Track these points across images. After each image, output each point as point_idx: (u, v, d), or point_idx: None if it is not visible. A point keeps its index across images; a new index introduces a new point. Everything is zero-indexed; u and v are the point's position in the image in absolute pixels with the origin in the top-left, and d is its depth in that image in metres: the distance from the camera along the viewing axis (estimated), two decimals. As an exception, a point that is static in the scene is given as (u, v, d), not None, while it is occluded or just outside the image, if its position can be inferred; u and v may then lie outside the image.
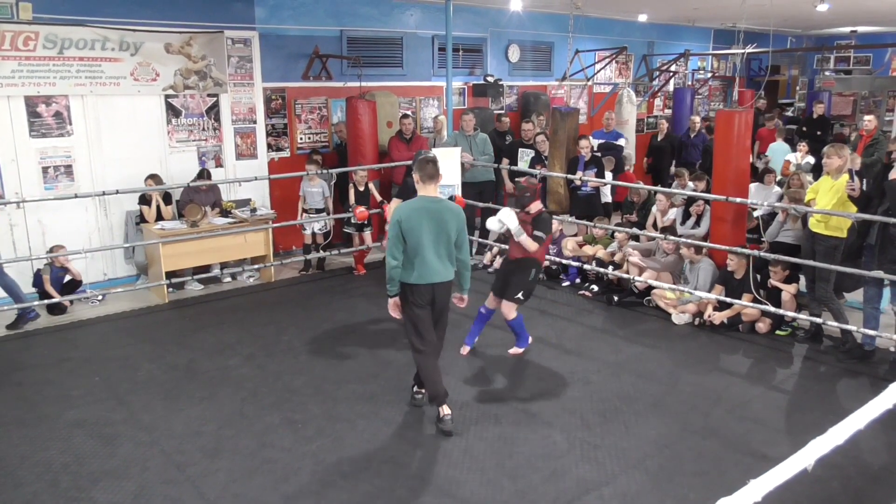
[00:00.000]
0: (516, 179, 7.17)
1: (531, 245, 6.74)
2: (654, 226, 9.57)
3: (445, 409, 5.70)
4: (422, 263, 5.47)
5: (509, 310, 6.94)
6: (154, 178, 9.05)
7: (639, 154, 14.43)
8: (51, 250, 8.33)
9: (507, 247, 10.02)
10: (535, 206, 6.96)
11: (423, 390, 6.01)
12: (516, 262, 6.95)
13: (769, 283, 7.77)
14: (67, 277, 8.55)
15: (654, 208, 9.73)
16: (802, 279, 7.92)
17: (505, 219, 6.80)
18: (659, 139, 13.85)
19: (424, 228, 5.42)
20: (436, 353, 5.84)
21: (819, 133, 13.74)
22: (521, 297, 6.92)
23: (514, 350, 7.21)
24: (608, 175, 10.08)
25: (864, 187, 7.04)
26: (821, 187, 7.27)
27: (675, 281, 8.61)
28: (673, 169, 13.00)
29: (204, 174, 9.42)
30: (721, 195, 8.10)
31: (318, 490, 4.84)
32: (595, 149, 10.58)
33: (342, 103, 11.00)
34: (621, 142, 11.67)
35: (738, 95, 15.61)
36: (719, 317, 7.83)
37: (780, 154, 12.63)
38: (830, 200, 7.05)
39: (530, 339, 7.29)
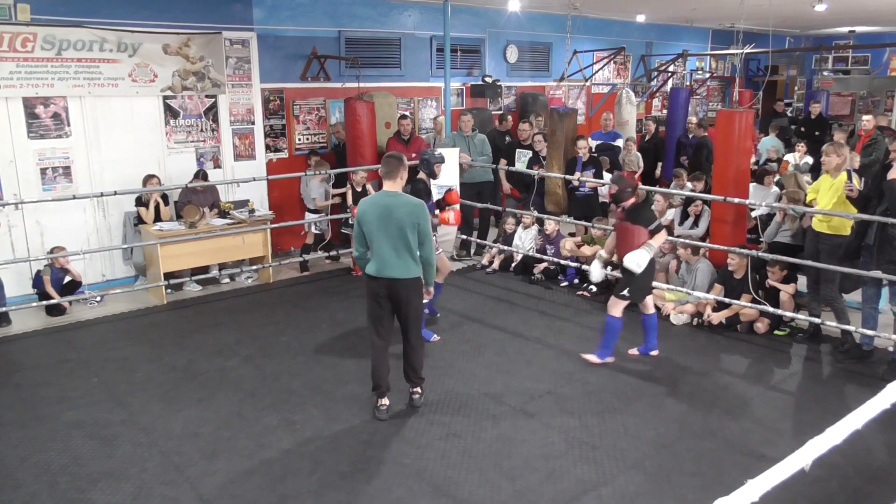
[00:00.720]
0: (613, 178, 6.96)
1: (662, 240, 6.75)
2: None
3: (384, 401, 5.93)
4: (377, 257, 5.64)
5: (613, 305, 6.79)
6: (153, 178, 9.05)
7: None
8: (51, 251, 8.33)
9: (506, 248, 10.08)
10: (638, 200, 6.83)
11: (420, 389, 6.07)
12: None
13: (767, 283, 7.77)
14: (67, 278, 8.55)
15: (651, 208, 9.73)
16: (802, 279, 7.93)
17: (642, 262, 6.53)
18: (646, 140, 13.82)
19: (376, 222, 5.58)
20: (406, 349, 5.99)
21: (817, 133, 13.74)
22: (627, 294, 6.68)
23: (589, 356, 6.97)
24: (606, 176, 10.07)
25: (863, 187, 7.02)
26: (821, 186, 7.27)
27: (669, 280, 8.61)
28: (659, 171, 13.03)
29: (200, 175, 9.41)
30: (722, 196, 8.09)
31: (317, 490, 4.84)
32: (593, 150, 10.58)
33: (340, 104, 11.01)
34: (619, 142, 11.66)
35: (739, 96, 15.62)
36: (717, 317, 7.83)
37: (766, 146, 12.68)
38: (831, 200, 7.05)
39: (610, 359, 6.91)
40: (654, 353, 7.10)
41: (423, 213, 5.64)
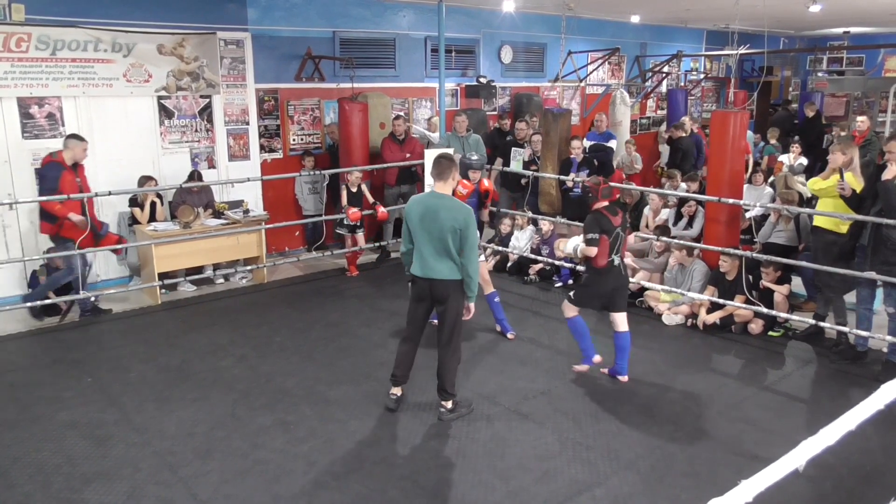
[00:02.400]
0: (583, 181, 6.83)
1: (590, 252, 6.28)
2: (647, 226, 9.58)
3: (396, 390, 6.01)
4: (419, 256, 5.61)
5: (563, 306, 6.71)
6: (149, 179, 9.05)
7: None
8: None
9: (501, 248, 10.09)
10: (597, 206, 6.45)
11: (448, 405, 5.86)
12: None
13: (761, 283, 7.77)
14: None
15: (646, 209, 9.75)
16: (797, 280, 7.92)
17: (562, 247, 6.75)
18: None
19: (418, 222, 5.53)
20: (439, 356, 5.84)
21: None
22: (570, 295, 6.64)
23: (578, 367, 6.78)
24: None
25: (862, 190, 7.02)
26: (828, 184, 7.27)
27: (663, 281, 8.61)
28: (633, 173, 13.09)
29: (195, 176, 9.40)
30: (716, 196, 8.09)
31: (311, 491, 4.84)
32: (586, 150, 10.59)
33: (335, 104, 11.00)
34: (612, 143, 11.68)
35: (734, 96, 15.66)
36: (711, 318, 7.84)
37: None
38: (825, 196, 7.07)
39: (598, 358, 6.61)
40: (622, 378, 6.59)
41: (468, 220, 5.48)
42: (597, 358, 6.63)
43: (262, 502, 4.73)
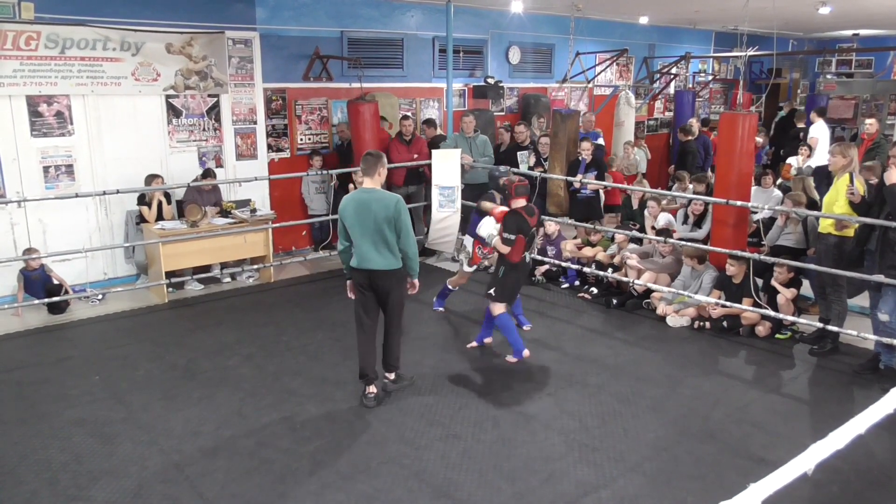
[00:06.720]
0: (504, 179, 7.23)
1: (502, 249, 6.74)
2: (653, 227, 9.56)
3: (371, 388, 6.14)
4: (357, 250, 5.88)
5: (492, 306, 6.99)
6: (156, 178, 9.06)
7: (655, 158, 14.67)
8: (25, 252, 8.29)
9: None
10: (514, 205, 6.87)
11: (393, 375, 6.35)
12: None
13: (772, 281, 7.71)
14: (55, 281, 8.47)
15: (646, 211, 9.72)
16: (806, 283, 7.90)
17: (487, 228, 7.05)
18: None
19: (353, 218, 5.78)
20: (384, 334, 6.24)
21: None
22: (491, 293, 6.91)
23: (509, 358, 7.05)
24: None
25: (867, 194, 6.97)
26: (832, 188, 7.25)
27: (671, 283, 8.57)
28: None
29: (210, 174, 9.39)
30: (723, 199, 8.06)
31: (316, 490, 4.84)
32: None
33: (342, 104, 11.00)
34: (599, 141, 11.71)
35: (742, 98, 15.61)
36: (719, 312, 7.79)
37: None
38: (833, 200, 7.04)
39: (525, 353, 6.93)
40: (526, 353, 6.99)
41: (399, 207, 5.77)
42: (526, 352, 6.95)
43: (268, 501, 4.73)
